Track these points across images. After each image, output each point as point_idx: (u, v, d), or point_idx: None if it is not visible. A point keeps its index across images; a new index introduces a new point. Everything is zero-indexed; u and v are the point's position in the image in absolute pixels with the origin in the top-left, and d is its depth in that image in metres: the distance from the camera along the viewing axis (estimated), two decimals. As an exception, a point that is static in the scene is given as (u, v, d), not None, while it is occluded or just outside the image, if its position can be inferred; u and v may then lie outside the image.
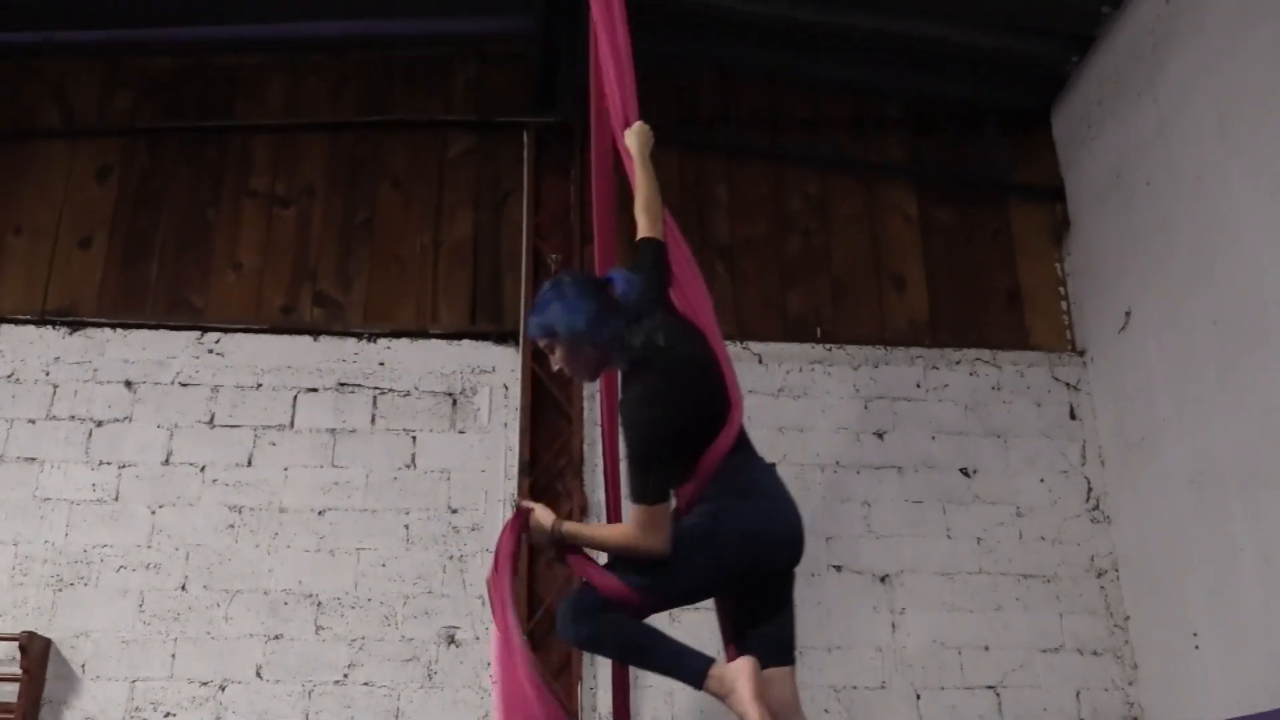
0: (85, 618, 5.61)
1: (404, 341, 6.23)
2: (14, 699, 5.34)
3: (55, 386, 6.01)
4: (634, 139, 4.10)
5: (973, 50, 6.66)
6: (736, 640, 3.40)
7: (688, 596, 3.45)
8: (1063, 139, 6.94)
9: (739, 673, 3.15)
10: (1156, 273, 5.91)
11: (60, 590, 5.66)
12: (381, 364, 6.17)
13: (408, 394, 6.14)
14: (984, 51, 6.68)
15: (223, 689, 5.55)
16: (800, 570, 5.84)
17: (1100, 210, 6.50)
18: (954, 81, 6.95)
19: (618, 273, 3.69)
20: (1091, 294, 6.55)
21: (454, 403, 6.13)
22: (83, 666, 5.55)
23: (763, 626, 3.34)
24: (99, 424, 5.96)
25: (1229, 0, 5.40)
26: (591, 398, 6.18)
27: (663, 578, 3.26)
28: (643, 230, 3.93)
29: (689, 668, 3.22)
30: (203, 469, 5.92)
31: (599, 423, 6.04)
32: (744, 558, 3.32)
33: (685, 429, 3.35)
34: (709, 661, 3.26)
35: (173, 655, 5.59)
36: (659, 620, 3.55)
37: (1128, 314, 6.15)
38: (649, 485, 3.23)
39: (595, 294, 3.49)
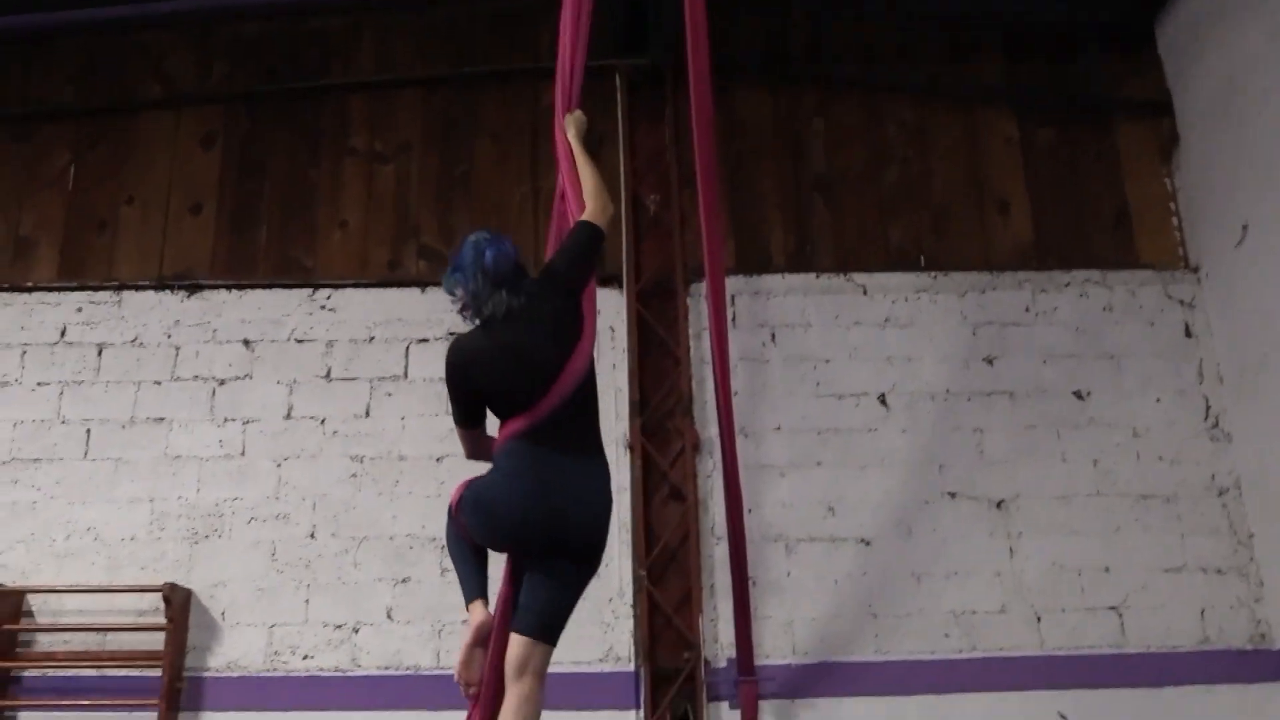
0: (222, 568, 5.84)
1: (509, 290, 6.30)
2: (161, 647, 5.58)
3: (177, 349, 6.21)
4: (574, 126, 4.26)
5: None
6: (511, 592, 3.57)
7: (476, 539, 3.62)
8: (1169, 53, 6.75)
9: (470, 617, 3.56)
10: (1276, 185, 5.74)
11: (196, 543, 5.88)
12: (489, 313, 6.26)
13: (516, 341, 6.21)
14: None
15: (356, 631, 5.74)
16: (914, 497, 6.01)
17: (1212, 123, 6.32)
18: (1051, 2, 6.79)
19: (500, 244, 3.75)
20: (1205, 209, 6.39)
21: (562, 347, 6.20)
22: (222, 614, 5.77)
23: (523, 592, 3.53)
24: (221, 383, 6.15)
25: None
26: (698, 336, 6.23)
27: (465, 514, 3.57)
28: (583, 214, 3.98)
29: (463, 592, 3.62)
30: (323, 422, 6.08)
31: (708, 360, 6.10)
32: (475, 522, 3.55)
33: (471, 391, 3.61)
34: (472, 598, 3.60)
35: (306, 601, 5.79)
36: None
37: (1245, 228, 5.99)
38: (453, 409, 3.69)
39: (474, 258, 3.68)
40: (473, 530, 3.57)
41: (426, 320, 6.26)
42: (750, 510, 5.69)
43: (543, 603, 3.48)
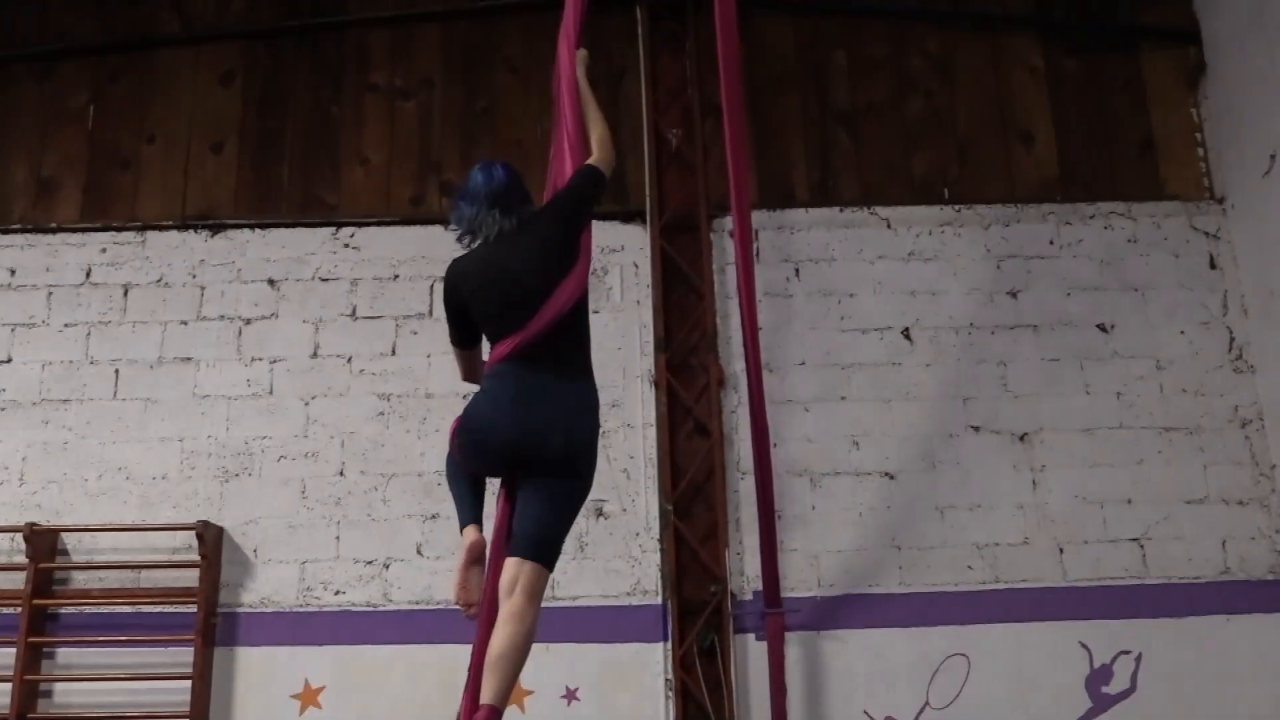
0: (253, 506, 5.91)
1: (533, 225, 6.29)
2: (196, 584, 5.68)
3: (202, 289, 6.22)
4: (581, 65, 4.17)
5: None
6: (506, 516, 3.57)
7: (466, 464, 3.64)
8: (1196, -22, 6.65)
9: (463, 541, 3.57)
10: (1305, 112, 5.69)
11: (227, 481, 5.94)
12: (512, 249, 6.25)
13: (540, 278, 6.21)
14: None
15: (387, 567, 5.83)
16: (938, 430, 6.04)
17: (1239, 52, 6.24)
18: (1077, -74, 6.68)
19: (495, 167, 3.73)
20: (1231, 139, 6.33)
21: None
22: (254, 551, 5.85)
23: (515, 516, 3.51)
24: (247, 322, 6.17)
25: None
26: (721, 271, 6.23)
27: (457, 438, 3.60)
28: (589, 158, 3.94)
29: (458, 517, 3.65)
30: (349, 360, 6.12)
31: (732, 296, 6.11)
32: (462, 443, 3.57)
33: (461, 309, 3.66)
34: (465, 523, 3.61)
35: (337, 537, 5.87)
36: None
37: (1273, 157, 5.94)
38: (448, 329, 3.77)
39: (472, 182, 3.70)
40: (462, 454, 3.58)
41: (451, 257, 6.19)
42: (775, 445, 5.73)
43: (530, 522, 3.45)
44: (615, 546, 5.86)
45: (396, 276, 6.24)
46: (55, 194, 6.41)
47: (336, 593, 5.80)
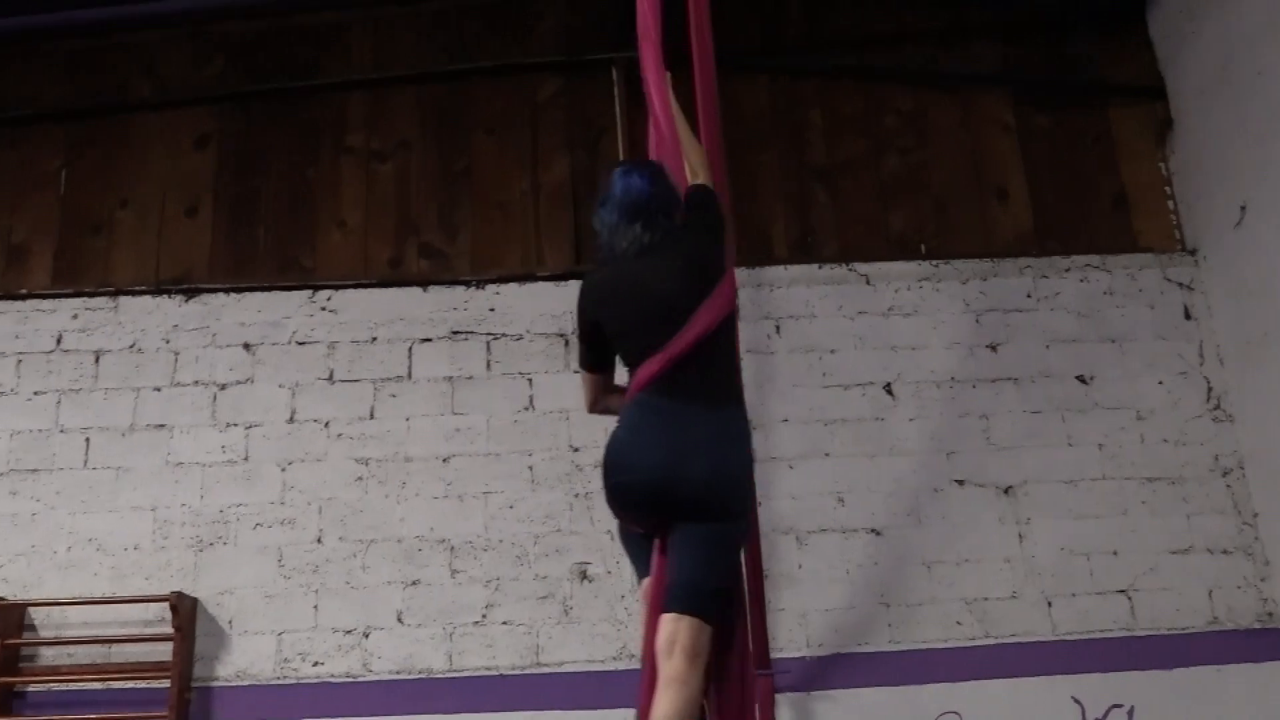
0: (228, 576, 5.76)
1: (512, 286, 6.27)
2: (169, 657, 5.51)
3: (176, 354, 6.12)
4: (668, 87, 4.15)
5: (1060, -48, 6.52)
6: (662, 569, 3.41)
7: (612, 510, 3.52)
8: (1159, 36, 6.78)
9: (640, 594, 3.51)
10: (1274, 165, 5.77)
11: (201, 550, 5.80)
12: (492, 310, 6.22)
13: (520, 338, 6.19)
14: (1072, -48, 6.54)
15: (366, 635, 5.69)
16: (923, 485, 6.01)
17: (1206, 105, 6.35)
18: (1042, -15, 6.81)
19: (634, 173, 3.63)
20: (1201, 191, 6.42)
21: (566, 343, 6.16)
22: (230, 622, 5.70)
23: (668, 566, 3.33)
24: (222, 387, 6.07)
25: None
26: (702, 330, 6.19)
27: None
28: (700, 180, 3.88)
29: (635, 571, 3.61)
30: (327, 424, 6.02)
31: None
32: (605, 487, 3.42)
33: (599, 332, 3.57)
34: (642, 575, 3.52)
35: (315, 606, 5.73)
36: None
37: (1243, 208, 6.02)
38: (578, 350, 3.77)
39: (610, 190, 3.62)
40: (610, 503, 3.39)
41: (429, 319, 6.20)
42: (760, 503, 5.65)
43: (682, 572, 3.23)
44: (600, 609, 5.76)
45: (375, 339, 6.17)
46: (26, 260, 6.31)
47: (315, 664, 5.65)
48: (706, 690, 3.38)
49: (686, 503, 3.22)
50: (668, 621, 3.24)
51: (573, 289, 6.17)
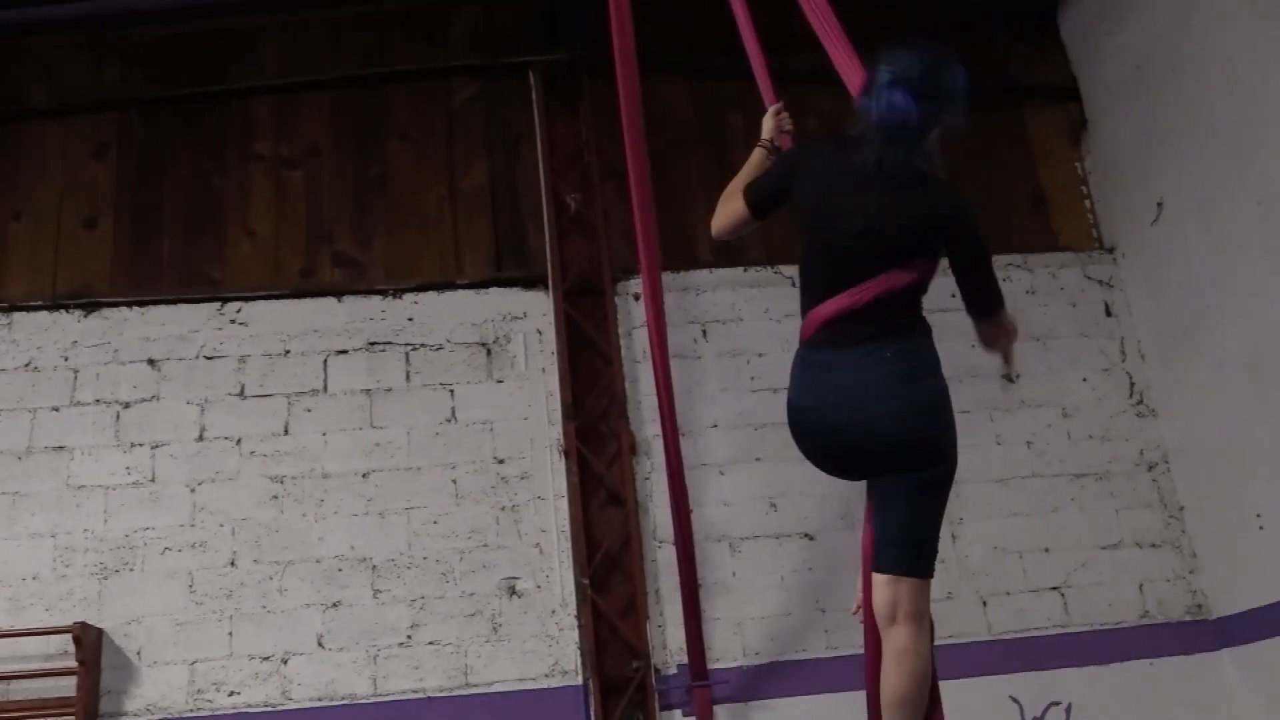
0: (135, 604, 5.46)
1: (431, 295, 6.08)
2: (73, 692, 5.19)
3: (76, 371, 5.81)
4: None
5: (976, -46, 6.56)
6: (871, 526, 3.21)
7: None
8: (1073, 38, 6.86)
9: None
10: (1190, 160, 5.84)
11: (106, 578, 5.49)
12: (410, 319, 6.02)
13: (440, 347, 5.99)
14: (988, -46, 6.58)
15: (285, 662, 5.43)
16: (856, 488, 5.83)
17: (1120, 105, 6.42)
18: (958, -13, 6.84)
19: (904, 97, 3.19)
20: (1117, 190, 6.48)
21: (488, 352, 5.99)
22: (138, 653, 5.40)
23: (876, 521, 3.10)
24: (126, 405, 5.77)
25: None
26: (628, 335, 6.09)
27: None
28: None
29: None
30: (238, 442, 5.75)
31: (639, 360, 5.97)
32: (801, 450, 3.22)
33: (784, 196, 3.35)
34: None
35: (230, 633, 5.46)
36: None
37: (1160, 205, 6.09)
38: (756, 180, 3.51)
39: (881, 89, 3.25)
40: (810, 460, 3.19)
41: (345, 330, 5.98)
42: (692, 510, 5.54)
43: (893, 528, 3.00)
44: (530, 626, 5.57)
45: (288, 352, 5.93)
46: (-88, 277, 5.96)
47: (230, 694, 5.37)
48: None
49: (882, 456, 3.00)
50: (884, 584, 3.02)
51: (494, 297, 6.12)
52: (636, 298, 6.11)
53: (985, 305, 3.32)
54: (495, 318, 6.07)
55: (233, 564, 5.56)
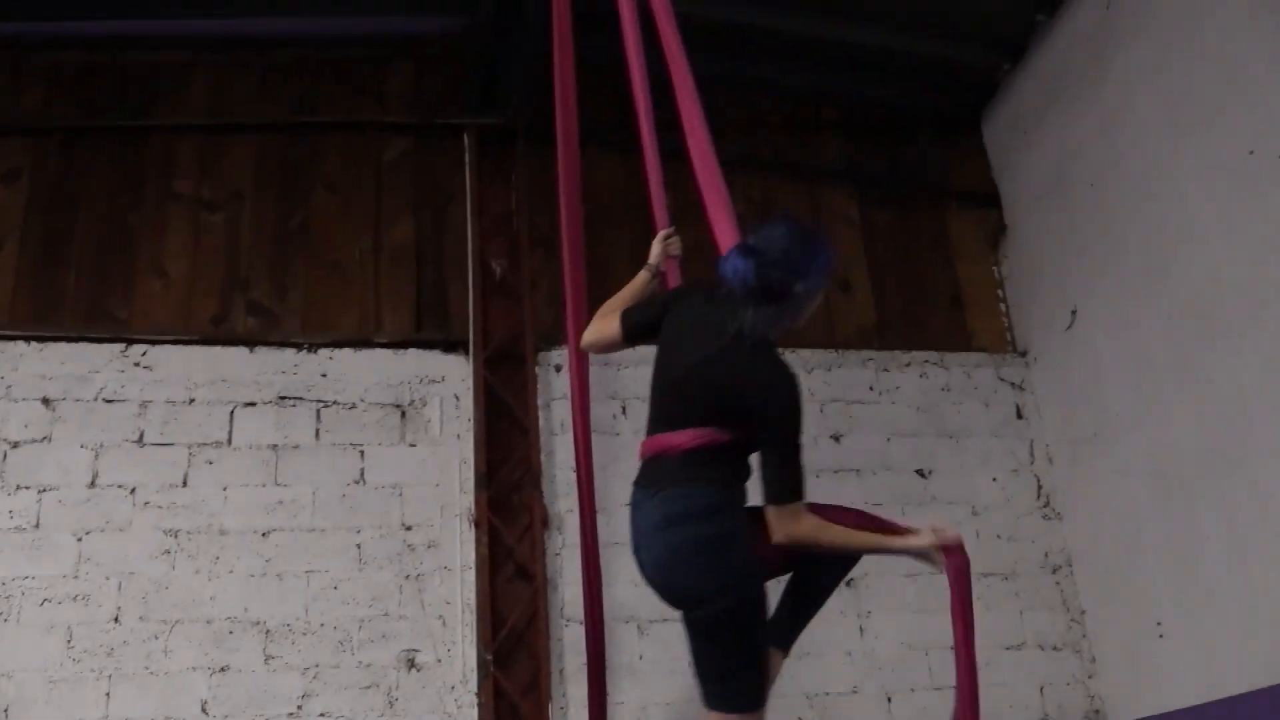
0: (7, 657, 5.10)
1: (347, 351, 5.91)
2: (-72, 750, 4.83)
3: (-38, 406, 5.49)
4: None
5: (904, 56, 6.75)
6: None
7: None
8: (995, 145, 7.07)
9: None
10: (1104, 271, 6.03)
11: (-23, 628, 5.15)
12: (324, 375, 5.84)
13: (353, 406, 5.82)
14: (916, 58, 6.77)
15: (165, 728, 5.13)
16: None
17: (1039, 212, 6.61)
18: (887, 87, 7.03)
19: (747, 258, 3.25)
20: (1032, 295, 6.65)
21: (403, 414, 5.84)
22: (5, 711, 5.04)
23: None
24: (14, 445, 5.46)
25: (1175, -1, 5.54)
26: (546, 406, 5.99)
27: None
28: None
29: None
30: (133, 491, 5.48)
31: (556, 432, 5.88)
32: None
33: (658, 325, 3.50)
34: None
35: (107, 694, 5.13)
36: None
37: (1074, 313, 6.25)
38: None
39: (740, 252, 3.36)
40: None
41: (254, 382, 5.77)
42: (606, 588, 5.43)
43: (693, 669, 3.21)
44: (429, 701, 5.36)
45: (192, 400, 5.69)
46: None
47: (103, 759, 5.05)
48: None
49: (669, 599, 3.20)
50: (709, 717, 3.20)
51: (412, 358, 5.99)
52: (558, 369, 6.03)
53: (772, 493, 3.20)
54: (412, 379, 5.93)
55: (116, 620, 5.25)
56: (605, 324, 3.70)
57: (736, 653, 3.16)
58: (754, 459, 3.25)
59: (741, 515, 3.26)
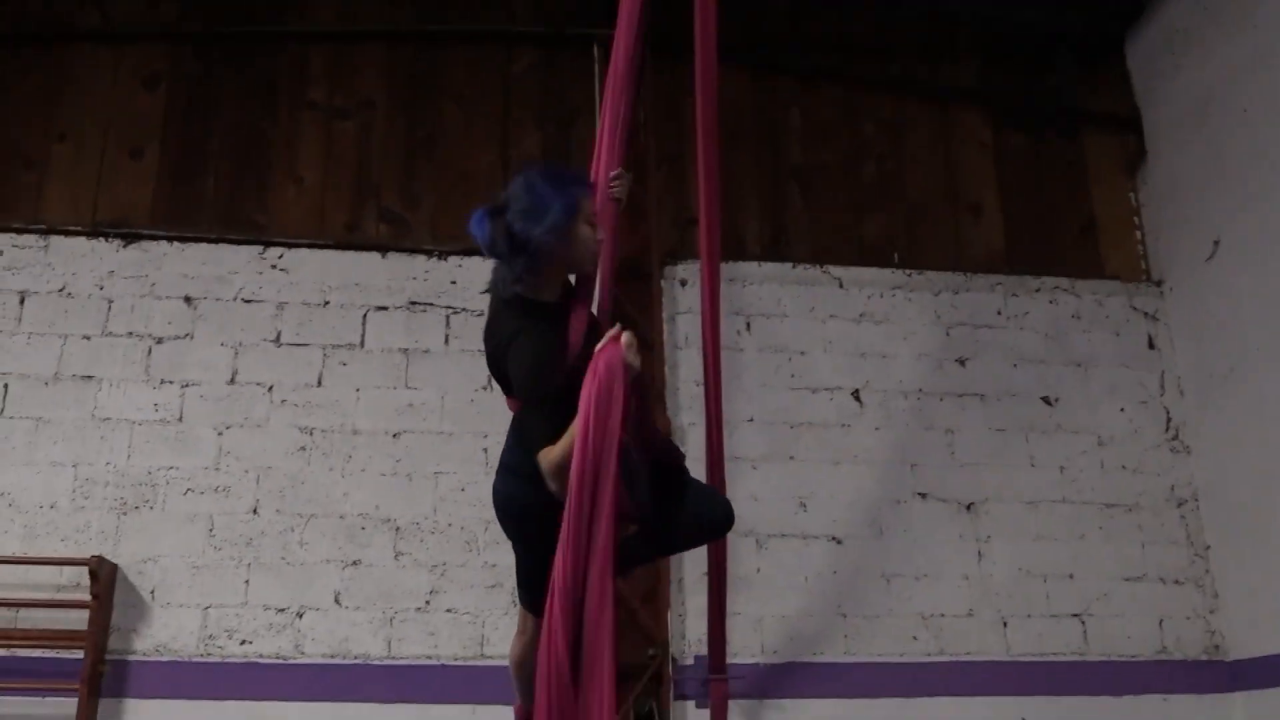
0: (153, 542, 5.36)
1: (476, 260, 5.93)
2: (83, 626, 5.08)
3: (110, 301, 5.69)
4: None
5: (1046, -26, 6.52)
6: None
7: None
8: (1138, 67, 6.82)
9: None
10: (1251, 202, 5.81)
11: (125, 514, 5.39)
12: (454, 283, 5.93)
13: (482, 314, 5.84)
14: (1057, -23, 6.53)
15: (300, 616, 5.34)
16: (885, 496, 5.90)
17: (1182, 139, 6.38)
18: (1026, 7, 6.78)
19: (485, 221, 3.37)
20: (1171, 224, 6.45)
21: (530, 324, 5.90)
22: (152, 593, 5.30)
23: None
24: (159, 341, 5.66)
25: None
26: (671, 320, 6.02)
27: None
28: None
29: None
30: (270, 389, 5.65)
31: (680, 346, 5.90)
32: None
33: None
34: None
35: (246, 581, 5.36)
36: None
37: (1216, 243, 6.06)
38: None
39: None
40: None
41: (386, 287, 5.88)
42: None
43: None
44: (550, 603, 5.49)
45: (327, 303, 5.83)
46: (-51, 190, 5.82)
47: (242, 642, 5.27)
48: None
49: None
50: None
51: (540, 268, 6.01)
52: (683, 284, 6.05)
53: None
54: (540, 290, 5.97)
55: (255, 512, 5.46)
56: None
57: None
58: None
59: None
